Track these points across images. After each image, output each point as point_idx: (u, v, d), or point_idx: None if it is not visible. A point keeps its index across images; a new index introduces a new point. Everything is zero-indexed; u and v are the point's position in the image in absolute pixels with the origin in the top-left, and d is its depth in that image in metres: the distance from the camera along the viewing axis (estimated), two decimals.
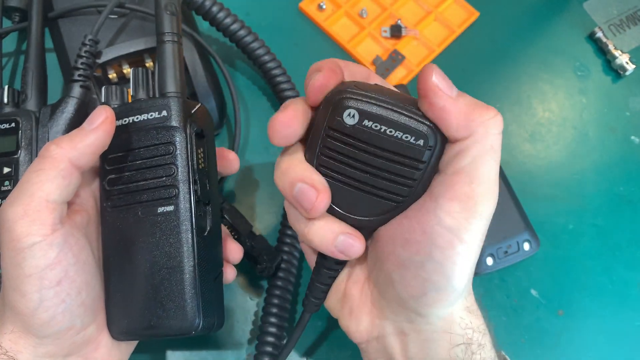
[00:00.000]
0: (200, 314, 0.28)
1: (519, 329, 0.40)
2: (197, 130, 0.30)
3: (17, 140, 0.34)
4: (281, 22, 0.49)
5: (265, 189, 0.43)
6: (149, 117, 0.29)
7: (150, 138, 0.29)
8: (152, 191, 0.29)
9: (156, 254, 0.29)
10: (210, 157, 0.31)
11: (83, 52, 0.37)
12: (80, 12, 0.40)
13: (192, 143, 0.29)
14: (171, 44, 0.31)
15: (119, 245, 0.30)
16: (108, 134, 0.28)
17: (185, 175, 0.29)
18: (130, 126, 0.29)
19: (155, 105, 0.29)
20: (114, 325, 0.30)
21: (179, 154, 0.29)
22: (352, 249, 0.27)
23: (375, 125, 0.24)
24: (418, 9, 0.50)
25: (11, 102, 0.36)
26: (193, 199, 0.29)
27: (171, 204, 0.29)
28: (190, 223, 0.29)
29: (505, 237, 0.39)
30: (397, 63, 0.47)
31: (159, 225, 0.29)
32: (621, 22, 0.51)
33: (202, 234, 0.29)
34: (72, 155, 0.26)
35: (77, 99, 0.36)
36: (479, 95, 0.25)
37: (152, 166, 0.29)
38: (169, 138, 0.29)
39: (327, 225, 0.27)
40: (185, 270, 0.28)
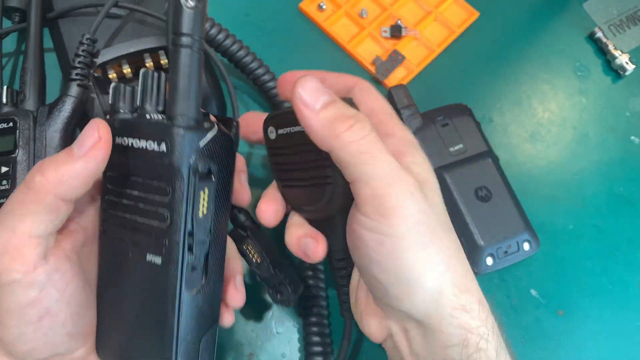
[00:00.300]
0: None
1: (519, 329, 0.40)
2: (203, 170, 0.24)
3: (15, 140, 0.34)
4: (281, 22, 0.49)
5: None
6: (147, 147, 0.24)
7: (146, 172, 0.25)
8: (144, 234, 0.25)
9: (141, 302, 0.26)
10: (219, 196, 0.26)
11: (80, 51, 0.37)
12: (80, 12, 0.40)
13: (193, 188, 0.24)
14: (190, 50, 0.24)
15: (109, 275, 0.28)
16: (101, 161, 0.24)
17: (179, 227, 0.24)
18: (129, 149, 0.25)
19: (155, 134, 0.24)
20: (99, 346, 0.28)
21: (175, 200, 0.24)
22: (311, 250, 0.30)
23: (286, 131, 0.30)
24: (418, 9, 0.50)
25: (10, 102, 0.36)
26: (185, 254, 0.25)
27: (159, 255, 0.25)
28: (178, 282, 0.25)
29: (505, 237, 0.39)
30: (397, 63, 0.47)
31: (146, 274, 0.26)
32: (621, 22, 0.51)
33: (191, 292, 0.26)
34: (58, 190, 0.23)
35: (74, 98, 0.36)
36: (479, 95, 0.26)
37: (147, 204, 0.25)
38: (166, 178, 0.24)
39: (291, 230, 0.31)
40: (164, 332, 0.25)
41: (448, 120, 0.43)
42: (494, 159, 0.42)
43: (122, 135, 0.25)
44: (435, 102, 0.45)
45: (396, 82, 0.46)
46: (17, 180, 0.34)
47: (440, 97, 0.46)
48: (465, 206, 0.39)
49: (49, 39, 0.42)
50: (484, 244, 0.38)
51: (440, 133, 0.42)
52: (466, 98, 0.47)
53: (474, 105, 0.46)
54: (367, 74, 0.48)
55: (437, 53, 0.48)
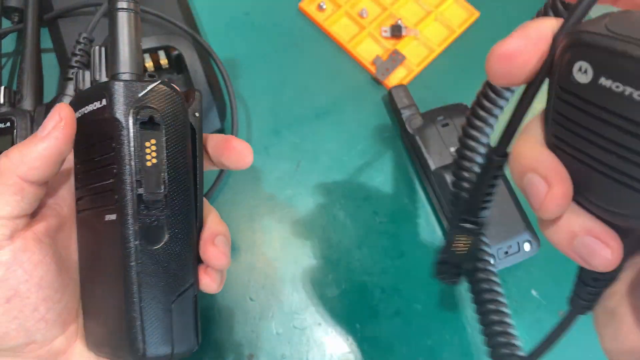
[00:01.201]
0: (144, 343, 0.24)
1: (519, 329, 0.40)
2: (144, 118, 0.24)
3: (13, 140, 0.34)
4: (281, 22, 0.49)
5: (266, 190, 0.43)
6: (93, 108, 0.25)
7: (94, 134, 0.25)
8: (99, 196, 0.25)
9: (104, 269, 0.26)
10: (173, 148, 0.26)
11: (77, 50, 0.37)
12: (79, 12, 0.40)
13: (135, 136, 0.24)
14: (125, 12, 0.25)
15: (82, 252, 0.27)
16: (62, 141, 0.24)
17: (126, 177, 0.24)
18: (82, 119, 0.25)
19: (95, 93, 0.25)
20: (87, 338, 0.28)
21: (119, 151, 0.24)
22: (596, 257, 0.19)
23: (617, 86, 0.16)
24: (418, 9, 0.50)
25: (7, 102, 0.36)
26: (136, 205, 0.24)
27: (114, 212, 0.24)
28: (133, 235, 0.24)
29: (506, 237, 0.39)
30: (398, 63, 0.47)
31: (105, 236, 0.25)
32: None
33: (151, 246, 0.25)
34: (20, 171, 0.24)
35: (71, 97, 0.36)
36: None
37: (98, 167, 0.25)
38: (109, 133, 0.24)
39: (566, 218, 0.19)
40: (126, 293, 0.24)
41: (448, 120, 0.43)
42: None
43: (77, 109, 0.26)
44: (435, 102, 0.45)
45: (396, 82, 0.46)
46: None
47: (440, 97, 0.46)
48: None
49: (48, 38, 0.42)
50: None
51: (441, 133, 0.42)
52: (466, 98, 0.47)
53: None
54: (368, 74, 0.47)
55: (437, 53, 0.48)
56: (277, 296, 0.40)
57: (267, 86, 0.46)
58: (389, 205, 0.43)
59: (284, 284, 0.40)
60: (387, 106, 0.46)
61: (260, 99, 0.46)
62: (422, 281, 0.40)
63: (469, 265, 0.30)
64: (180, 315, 0.26)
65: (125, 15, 0.25)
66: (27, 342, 0.26)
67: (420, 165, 0.42)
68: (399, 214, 0.43)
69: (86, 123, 0.25)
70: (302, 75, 0.47)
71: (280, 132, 0.45)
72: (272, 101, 0.46)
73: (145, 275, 0.25)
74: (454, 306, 0.40)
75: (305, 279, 0.40)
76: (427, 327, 0.39)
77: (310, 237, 0.41)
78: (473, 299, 0.32)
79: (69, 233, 0.28)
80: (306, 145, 0.44)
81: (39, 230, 0.26)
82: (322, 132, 0.45)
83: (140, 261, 0.24)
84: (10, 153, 0.24)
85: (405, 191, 0.43)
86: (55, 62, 0.42)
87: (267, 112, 0.45)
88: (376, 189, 0.43)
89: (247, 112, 0.45)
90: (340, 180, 0.43)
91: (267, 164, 0.44)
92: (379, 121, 0.46)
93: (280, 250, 0.41)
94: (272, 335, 0.38)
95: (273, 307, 0.39)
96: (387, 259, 0.41)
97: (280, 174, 0.43)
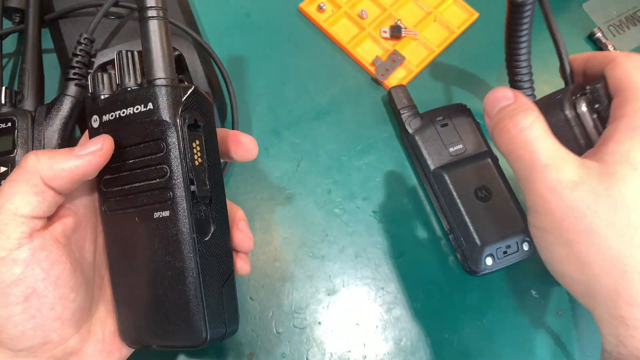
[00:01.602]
0: (207, 327, 0.26)
1: (519, 329, 0.40)
2: (190, 121, 0.26)
3: (14, 140, 0.35)
4: (281, 22, 0.49)
5: (266, 190, 0.43)
6: (135, 111, 0.26)
7: (138, 135, 0.26)
8: (146, 195, 0.26)
9: (157, 262, 0.27)
10: (210, 148, 0.28)
11: (78, 51, 0.37)
12: (80, 13, 0.41)
13: (185, 138, 0.26)
14: (156, 20, 0.27)
15: (120, 251, 0.28)
16: (93, 166, 0.26)
17: (180, 176, 0.26)
18: (119, 121, 0.27)
19: (140, 97, 0.26)
20: (125, 333, 0.29)
21: (171, 152, 0.26)
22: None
23: None
24: (418, 10, 0.50)
25: (8, 103, 0.37)
26: (191, 202, 0.26)
27: (167, 209, 0.26)
28: (190, 229, 0.26)
29: (505, 237, 0.39)
30: (397, 64, 0.47)
31: (157, 232, 0.26)
32: (621, 22, 0.51)
33: (204, 238, 0.27)
34: (45, 174, 0.25)
35: (72, 97, 0.36)
36: (479, 95, 0.26)
37: (144, 167, 0.26)
38: (158, 134, 0.26)
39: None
40: (187, 283, 0.26)
41: (448, 121, 0.43)
42: (494, 159, 0.42)
43: (109, 112, 0.27)
44: (435, 102, 0.45)
45: (396, 83, 0.46)
46: None
47: (439, 97, 0.46)
48: (464, 206, 0.39)
49: (49, 39, 0.42)
50: (483, 244, 0.38)
51: (440, 133, 0.42)
52: (466, 98, 0.47)
53: (474, 106, 0.46)
54: (367, 74, 0.48)
55: (436, 53, 0.48)
56: (277, 296, 0.40)
57: (267, 86, 0.46)
58: (388, 205, 0.43)
59: (284, 283, 0.40)
60: (387, 106, 0.46)
61: (260, 99, 0.46)
62: (422, 281, 0.41)
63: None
64: (228, 299, 0.28)
65: (158, 22, 0.27)
66: (43, 341, 0.26)
67: (419, 165, 0.43)
68: (399, 214, 0.43)
69: (125, 125, 0.26)
70: (302, 75, 0.47)
71: (280, 132, 0.45)
72: (272, 101, 0.46)
73: (203, 265, 0.27)
74: (454, 306, 0.40)
75: (305, 279, 0.40)
76: (427, 327, 0.39)
77: (310, 237, 0.41)
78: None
79: (84, 233, 0.28)
80: (306, 145, 0.45)
81: (56, 230, 0.26)
82: (322, 132, 0.45)
83: (199, 252, 0.26)
84: (40, 155, 0.25)
85: (404, 191, 0.44)
86: (56, 63, 0.42)
87: (267, 112, 0.46)
88: (376, 189, 0.43)
89: (247, 112, 0.45)
90: (340, 180, 0.43)
91: (267, 164, 0.44)
92: (378, 121, 0.46)
93: (280, 250, 0.41)
94: (272, 334, 0.39)
95: (273, 307, 0.39)
96: (387, 259, 0.41)
97: (280, 174, 0.43)
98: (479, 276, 0.40)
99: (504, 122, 0.28)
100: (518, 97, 0.29)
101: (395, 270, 0.41)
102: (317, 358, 0.38)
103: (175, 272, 0.26)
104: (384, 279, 0.41)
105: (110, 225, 0.28)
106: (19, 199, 0.25)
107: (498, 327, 0.40)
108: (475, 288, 0.41)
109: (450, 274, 0.41)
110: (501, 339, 0.39)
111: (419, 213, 0.43)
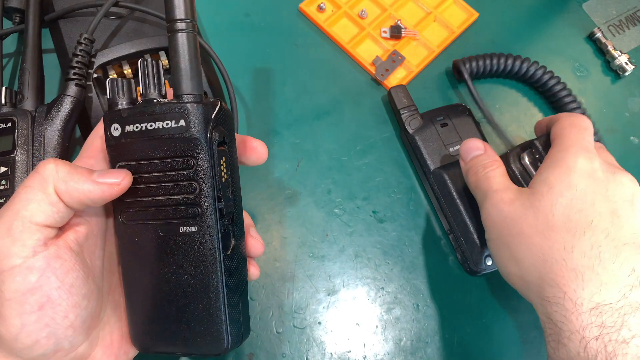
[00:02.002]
0: (228, 336, 0.27)
1: (519, 329, 0.40)
2: (219, 139, 0.26)
3: (14, 140, 0.34)
4: (281, 22, 0.49)
5: (266, 190, 0.43)
6: (165, 126, 0.26)
7: (167, 150, 0.26)
8: (173, 209, 0.27)
9: (180, 275, 0.27)
10: (233, 165, 0.28)
11: (78, 51, 0.37)
12: (81, 13, 0.41)
13: (215, 156, 0.26)
14: (184, 34, 0.26)
15: (138, 261, 0.28)
16: (105, 196, 0.26)
17: (209, 192, 0.26)
18: (144, 133, 0.26)
19: (172, 113, 0.26)
20: (138, 339, 0.29)
21: (201, 169, 0.26)
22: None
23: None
24: (418, 10, 0.50)
25: (9, 103, 0.37)
26: (217, 218, 0.27)
27: (194, 225, 0.26)
28: (216, 245, 0.27)
29: None
30: (397, 64, 0.47)
31: (182, 246, 0.27)
32: (620, 22, 0.51)
33: (226, 252, 0.27)
34: (59, 187, 0.25)
35: (72, 97, 0.36)
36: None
37: (172, 181, 0.26)
38: (189, 152, 0.26)
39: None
40: (212, 296, 0.27)
41: (448, 121, 0.43)
42: None
43: (134, 123, 0.26)
44: (434, 102, 0.45)
45: (396, 82, 0.46)
46: (15, 181, 0.34)
47: (439, 97, 0.46)
48: (464, 206, 0.39)
49: (49, 39, 0.42)
50: (483, 244, 0.38)
51: (440, 133, 0.42)
52: (466, 98, 0.47)
53: (474, 106, 0.46)
54: (367, 74, 0.48)
55: (436, 53, 0.48)
56: (277, 296, 0.40)
57: (267, 86, 0.46)
58: (388, 205, 0.43)
59: (284, 283, 0.40)
60: (387, 106, 0.46)
61: (260, 99, 0.46)
62: (422, 281, 0.41)
63: None
64: (244, 308, 0.29)
65: (188, 36, 0.26)
66: (55, 349, 0.26)
67: (419, 165, 0.43)
68: (399, 214, 0.43)
69: (152, 138, 0.26)
70: (302, 75, 0.47)
71: (280, 132, 0.45)
72: (272, 101, 0.46)
73: (226, 278, 0.27)
74: (454, 306, 0.40)
75: (305, 279, 0.40)
76: (427, 327, 0.39)
77: (310, 237, 0.41)
78: None
79: (94, 241, 0.28)
80: (306, 145, 0.45)
81: (70, 238, 0.26)
82: (322, 132, 0.45)
83: (224, 267, 0.27)
84: (60, 165, 0.25)
85: (404, 191, 0.44)
86: (56, 63, 0.42)
87: (267, 112, 0.46)
88: (376, 189, 0.43)
89: (247, 112, 0.45)
90: (340, 180, 0.43)
91: (267, 164, 0.44)
92: (378, 121, 0.46)
93: (280, 250, 0.41)
94: (272, 334, 0.39)
95: (273, 307, 0.39)
96: (387, 259, 0.41)
97: (280, 174, 0.43)
98: (479, 276, 0.40)
99: (475, 168, 0.37)
100: (486, 149, 0.37)
101: (395, 270, 0.41)
102: (317, 358, 0.38)
103: (201, 286, 0.27)
104: (384, 279, 0.41)
105: (128, 235, 0.28)
106: (35, 206, 0.25)
107: (498, 327, 0.40)
108: (475, 288, 0.41)
109: (450, 274, 0.41)
110: (501, 339, 0.39)
111: (419, 213, 0.43)
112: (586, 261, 0.30)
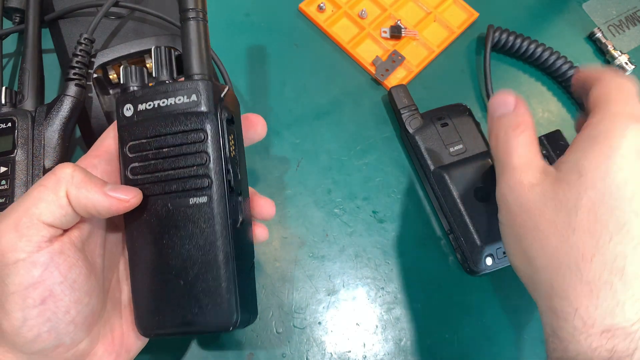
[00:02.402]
0: (238, 309, 0.27)
1: (518, 329, 0.40)
2: (228, 116, 0.28)
3: (14, 140, 0.35)
4: (281, 22, 0.49)
5: (266, 190, 0.43)
6: (177, 102, 0.27)
7: (179, 124, 0.28)
8: (183, 181, 0.27)
9: (189, 247, 0.27)
10: (239, 143, 0.30)
11: (78, 51, 0.37)
12: (81, 13, 0.41)
13: (223, 130, 0.28)
14: (195, 21, 0.29)
15: (146, 238, 0.28)
16: (111, 210, 0.27)
17: (218, 164, 0.27)
18: (156, 110, 0.28)
19: (184, 89, 0.28)
20: (142, 321, 0.29)
21: (211, 141, 0.27)
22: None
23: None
24: (418, 10, 0.50)
25: (9, 103, 0.37)
26: (227, 189, 0.27)
27: (204, 195, 0.27)
28: (225, 216, 0.27)
29: None
30: (397, 64, 0.47)
31: (192, 218, 0.27)
32: (620, 22, 0.51)
33: (235, 225, 0.28)
34: (71, 191, 0.26)
35: (72, 97, 0.36)
36: (478, 95, 0.25)
37: (182, 154, 0.28)
38: (200, 125, 0.27)
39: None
40: (222, 265, 0.27)
41: (448, 120, 0.43)
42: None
43: (147, 101, 0.28)
44: (435, 102, 0.45)
45: (396, 82, 0.46)
46: (15, 181, 0.34)
47: (440, 97, 0.46)
48: (464, 206, 0.39)
49: (49, 39, 0.42)
50: (483, 244, 0.38)
51: (440, 133, 0.42)
52: (466, 98, 0.47)
53: (474, 106, 0.46)
54: (367, 74, 0.48)
55: (436, 53, 0.48)
56: (277, 296, 0.40)
57: (267, 86, 0.46)
58: (388, 205, 0.43)
59: (284, 283, 0.40)
60: (387, 106, 0.46)
61: (260, 99, 0.46)
62: (422, 281, 0.41)
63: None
64: (252, 288, 0.30)
65: (198, 24, 0.29)
66: (56, 344, 0.26)
67: (419, 165, 0.43)
68: (399, 214, 0.43)
69: (164, 114, 0.28)
70: (302, 75, 0.47)
71: (280, 132, 0.45)
72: (272, 101, 0.46)
73: (236, 252, 0.28)
74: (454, 306, 0.40)
75: (305, 279, 0.40)
76: (427, 327, 0.39)
77: (310, 237, 0.41)
78: None
79: (96, 238, 0.29)
80: (306, 145, 0.45)
81: (74, 234, 0.27)
82: (322, 132, 0.45)
83: (233, 239, 0.28)
84: (77, 172, 0.26)
85: (404, 191, 0.44)
86: (56, 63, 0.42)
87: (267, 112, 0.46)
88: (376, 189, 0.43)
89: (247, 112, 0.45)
90: (340, 180, 0.43)
91: (267, 164, 0.44)
92: (378, 121, 0.46)
93: (280, 250, 0.41)
94: (272, 334, 0.39)
95: (273, 307, 0.39)
96: (387, 259, 0.41)
97: (280, 174, 0.43)
98: (479, 276, 0.40)
99: (497, 130, 0.31)
100: (517, 106, 0.31)
101: (395, 270, 0.41)
102: (317, 358, 0.38)
103: (211, 256, 0.27)
104: (384, 279, 0.41)
105: (136, 213, 0.28)
106: (45, 206, 0.25)
107: (498, 327, 0.40)
108: (475, 288, 0.41)
109: (450, 274, 0.41)
110: (501, 339, 0.39)
111: (419, 213, 0.43)
112: (605, 276, 0.25)
